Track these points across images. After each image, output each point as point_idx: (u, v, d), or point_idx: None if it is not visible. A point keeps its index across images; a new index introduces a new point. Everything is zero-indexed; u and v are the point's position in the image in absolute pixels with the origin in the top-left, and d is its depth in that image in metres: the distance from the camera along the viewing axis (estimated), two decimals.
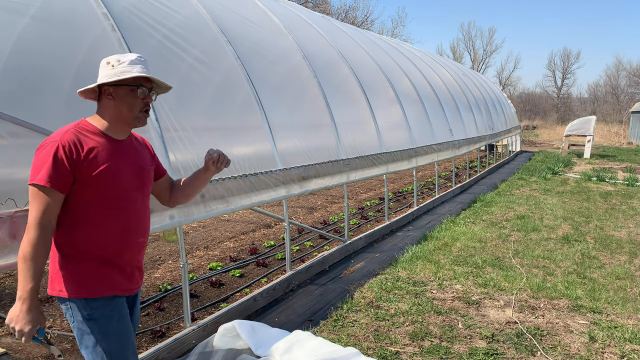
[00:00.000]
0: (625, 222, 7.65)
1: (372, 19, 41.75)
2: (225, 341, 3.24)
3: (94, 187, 1.87)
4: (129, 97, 1.93)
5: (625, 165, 16.37)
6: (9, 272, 4.80)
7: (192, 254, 5.66)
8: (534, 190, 10.53)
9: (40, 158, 1.80)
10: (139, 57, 1.96)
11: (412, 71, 9.40)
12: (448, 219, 7.48)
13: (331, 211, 8.26)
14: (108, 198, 1.92)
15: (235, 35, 4.52)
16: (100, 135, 1.92)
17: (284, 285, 4.49)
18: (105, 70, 1.93)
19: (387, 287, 4.56)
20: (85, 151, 1.85)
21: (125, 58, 1.93)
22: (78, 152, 1.83)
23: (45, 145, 1.82)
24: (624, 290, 4.66)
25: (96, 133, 1.92)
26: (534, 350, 3.44)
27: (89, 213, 1.89)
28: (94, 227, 1.90)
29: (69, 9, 2.98)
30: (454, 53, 54.63)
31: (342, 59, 6.60)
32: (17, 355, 3.28)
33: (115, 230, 1.95)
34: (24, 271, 1.74)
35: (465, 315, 3.99)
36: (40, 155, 1.81)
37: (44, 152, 1.81)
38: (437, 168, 9.15)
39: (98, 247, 1.92)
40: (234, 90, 4.17)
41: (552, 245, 6.19)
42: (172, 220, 3.12)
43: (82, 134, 1.88)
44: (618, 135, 31.66)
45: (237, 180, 3.72)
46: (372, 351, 3.37)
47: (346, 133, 5.63)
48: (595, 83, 71.29)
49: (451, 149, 9.29)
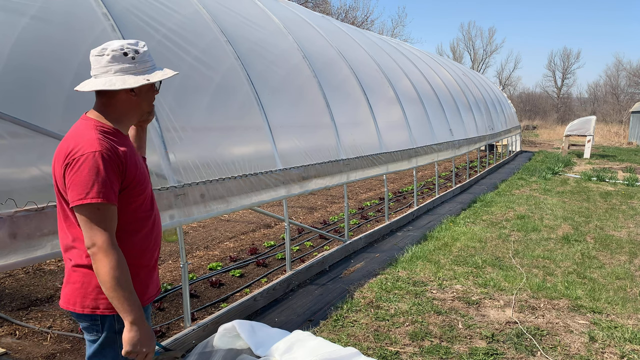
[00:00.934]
0: (625, 222, 7.66)
1: (372, 19, 41.80)
2: (225, 341, 3.24)
3: (134, 191, 1.78)
4: (150, 92, 1.86)
5: (625, 165, 16.37)
6: (9, 272, 4.80)
7: (192, 254, 5.66)
8: (534, 190, 10.53)
9: (85, 173, 1.62)
10: (142, 44, 1.85)
11: (412, 71, 9.40)
12: (448, 219, 7.48)
13: (331, 211, 8.26)
14: (145, 201, 1.84)
15: (235, 35, 4.52)
16: (118, 135, 1.79)
17: (284, 285, 4.49)
18: (127, 64, 1.76)
19: (387, 287, 4.56)
20: (122, 155, 1.72)
21: (137, 47, 1.80)
22: (118, 157, 1.69)
23: (83, 157, 1.62)
24: (624, 290, 4.66)
25: (114, 133, 1.78)
26: (534, 350, 3.44)
27: (128, 221, 1.78)
28: (133, 234, 1.81)
29: (69, 9, 2.98)
30: (454, 53, 54.67)
31: (342, 59, 6.60)
32: (17, 355, 3.28)
33: (151, 233, 1.87)
34: (125, 297, 1.65)
35: (465, 315, 3.99)
36: (82, 169, 1.62)
37: (86, 165, 1.62)
38: (437, 168, 9.15)
39: (139, 254, 1.83)
40: (234, 90, 4.17)
41: (552, 245, 6.19)
42: (172, 220, 3.12)
43: (107, 136, 1.73)
44: (618, 135, 31.65)
45: (237, 180, 3.72)
46: (372, 351, 3.37)
47: (346, 133, 5.63)
48: (595, 83, 71.40)
49: (451, 149, 9.29)
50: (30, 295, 4.30)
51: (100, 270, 1.63)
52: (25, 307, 4.04)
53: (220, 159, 3.65)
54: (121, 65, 1.76)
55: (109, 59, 1.76)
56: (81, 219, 1.65)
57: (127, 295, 1.66)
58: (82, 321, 1.82)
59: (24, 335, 3.58)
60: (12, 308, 4.02)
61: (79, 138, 1.68)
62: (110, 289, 1.64)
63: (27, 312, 3.95)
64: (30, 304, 4.11)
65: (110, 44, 1.79)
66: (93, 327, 1.80)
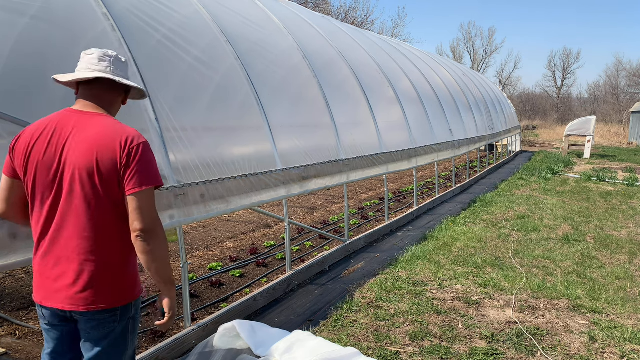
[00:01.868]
0: (625, 222, 7.66)
1: (372, 19, 41.81)
2: (225, 341, 3.25)
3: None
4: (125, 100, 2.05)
5: (625, 165, 16.37)
6: (9, 272, 4.80)
7: (192, 254, 5.66)
8: (534, 190, 10.53)
9: (151, 158, 1.82)
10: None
11: (412, 71, 9.40)
12: (448, 219, 7.48)
13: (331, 211, 8.26)
14: None
15: (235, 35, 4.52)
16: None
17: (284, 285, 4.49)
18: (126, 70, 1.98)
19: (387, 287, 4.56)
20: None
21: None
22: None
23: (145, 144, 1.81)
24: (624, 290, 4.66)
25: None
26: (534, 350, 3.44)
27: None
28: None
29: (69, 9, 2.98)
30: (454, 53, 54.66)
31: (342, 59, 6.60)
32: (17, 355, 3.28)
33: None
34: (170, 270, 1.90)
35: (465, 315, 3.99)
36: (150, 155, 1.82)
37: (151, 152, 1.83)
38: (437, 168, 9.15)
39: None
40: (234, 90, 4.17)
41: (552, 245, 6.19)
42: (172, 220, 3.12)
43: None
44: (618, 135, 31.65)
45: (237, 180, 3.72)
46: (372, 351, 3.37)
47: (346, 133, 5.64)
48: (595, 83, 71.37)
49: (451, 149, 9.29)
50: (30, 295, 4.30)
51: (159, 250, 1.82)
52: (25, 307, 4.04)
53: (220, 159, 3.64)
54: (122, 70, 1.93)
55: (124, 64, 1.94)
56: (143, 203, 1.76)
57: (171, 270, 1.92)
58: (98, 317, 1.83)
59: (24, 335, 3.58)
60: (12, 308, 4.02)
61: (123, 129, 1.81)
62: (165, 264, 1.85)
63: (27, 312, 3.95)
64: (30, 303, 4.11)
65: (105, 50, 1.93)
66: (110, 320, 1.86)
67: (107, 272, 1.82)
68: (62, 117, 1.83)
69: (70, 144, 1.77)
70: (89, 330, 1.86)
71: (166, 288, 1.90)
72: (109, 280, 1.83)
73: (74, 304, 1.80)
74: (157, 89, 3.28)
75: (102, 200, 1.77)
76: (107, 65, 1.88)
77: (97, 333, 1.87)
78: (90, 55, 1.89)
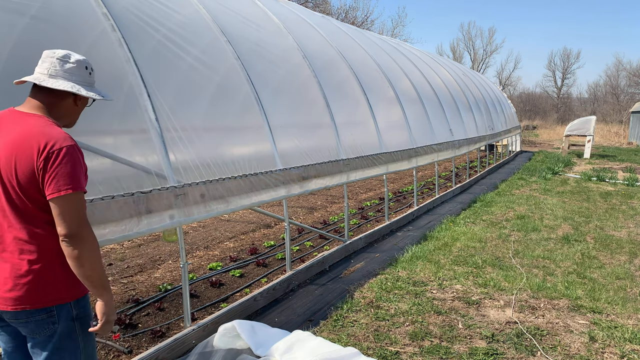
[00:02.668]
0: (625, 222, 7.66)
1: (372, 19, 41.81)
2: (225, 341, 3.25)
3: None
4: (84, 106, 2.02)
5: (625, 165, 16.37)
6: None
7: (192, 254, 5.66)
8: (534, 190, 10.53)
9: (74, 163, 1.77)
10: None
11: (412, 71, 9.40)
12: (448, 219, 7.48)
13: (331, 211, 8.26)
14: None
15: (235, 35, 4.52)
16: None
17: (284, 285, 4.49)
18: (85, 76, 1.95)
19: (387, 287, 4.56)
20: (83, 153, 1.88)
21: (89, 64, 1.99)
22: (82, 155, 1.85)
23: (69, 148, 1.76)
24: (624, 290, 4.66)
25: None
26: (534, 350, 3.44)
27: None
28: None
29: (69, 9, 2.98)
30: (454, 53, 54.66)
31: (342, 59, 6.60)
32: None
33: None
34: (104, 276, 1.87)
35: (465, 315, 3.99)
36: (71, 159, 1.76)
37: (74, 156, 1.78)
38: (437, 168, 9.15)
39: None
40: (234, 90, 4.17)
41: (552, 245, 6.19)
42: (172, 220, 3.12)
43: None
44: (618, 135, 31.66)
45: (237, 180, 3.72)
46: (372, 351, 3.37)
47: (346, 133, 5.64)
48: (595, 83, 71.38)
49: (451, 149, 9.29)
50: None
51: (86, 254, 1.78)
52: None
53: (220, 159, 3.65)
54: (81, 76, 1.93)
55: (74, 66, 1.91)
56: (64, 209, 1.74)
57: (104, 274, 1.87)
58: (33, 319, 1.82)
59: None
60: None
61: (46, 132, 1.77)
62: (95, 269, 1.81)
63: None
64: None
65: (71, 54, 1.93)
66: (47, 321, 1.85)
67: (36, 272, 1.81)
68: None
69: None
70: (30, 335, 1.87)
71: (98, 292, 1.86)
72: (36, 281, 1.81)
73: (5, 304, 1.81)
74: (157, 89, 3.28)
75: (27, 205, 1.78)
76: (47, 66, 1.88)
77: (34, 338, 1.87)
78: (50, 57, 1.91)
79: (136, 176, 2.93)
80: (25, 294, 1.80)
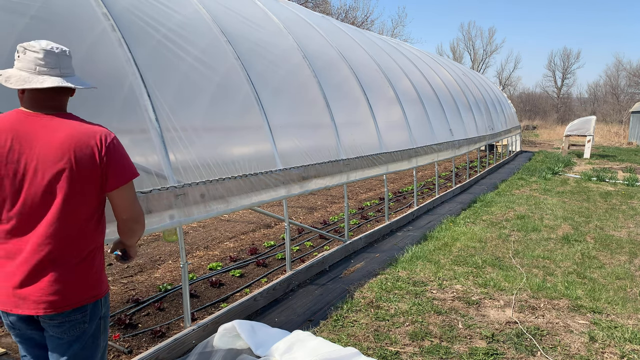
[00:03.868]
0: (625, 222, 7.66)
1: (372, 19, 41.81)
2: (225, 341, 3.25)
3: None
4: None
5: (625, 165, 16.37)
6: None
7: (192, 254, 5.66)
8: (534, 190, 10.53)
9: (124, 150, 1.91)
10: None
11: (412, 71, 9.40)
12: (448, 219, 7.48)
13: (331, 211, 8.26)
14: None
15: (235, 35, 4.52)
16: None
17: (284, 285, 4.49)
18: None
19: (387, 287, 4.56)
20: None
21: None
22: None
23: (116, 140, 1.88)
24: (624, 290, 4.66)
25: None
26: (534, 350, 3.44)
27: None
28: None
29: (69, 9, 2.98)
30: (454, 53, 54.65)
31: (342, 59, 6.60)
32: (17, 355, 3.28)
33: None
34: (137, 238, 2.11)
35: (465, 315, 3.99)
36: (122, 147, 1.90)
37: (120, 144, 1.90)
38: (437, 168, 9.15)
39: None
40: (234, 90, 4.17)
41: (552, 245, 6.19)
42: (172, 220, 3.12)
43: None
44: (618, 135, 31.65)
45: (237, 180, 3.72)
46: (372, 351, 3.37)
47: (346, 133, 5.63)
48: (595, 83, 71.35)
49: (451, 149, 9.29)
50: None
51: (143, 228, 2.03)
52: None
53: (220, 159, 3.64)
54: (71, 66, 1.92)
55: (70, 60, 1.89)
56: (130, 194, 1.90)
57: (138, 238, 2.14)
58: (68, 319, 1.81)
59: None
60: None
61: (94, 127, 1.84)
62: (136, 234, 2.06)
63: None
64: None
65: (57, 44, 1.86)
66: (81, 320, 1.84)
67: (79, 269, 1.83)
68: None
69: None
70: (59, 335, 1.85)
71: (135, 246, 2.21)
72: (80, 279, 1.83)
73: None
74: (157, 89, 3.28)
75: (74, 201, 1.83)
76: (68, 67, 1.91)
77: (67, 336, 1.86)
78: (52, 53, 1.87)
79: None
80: (66, 294, 1.78)
